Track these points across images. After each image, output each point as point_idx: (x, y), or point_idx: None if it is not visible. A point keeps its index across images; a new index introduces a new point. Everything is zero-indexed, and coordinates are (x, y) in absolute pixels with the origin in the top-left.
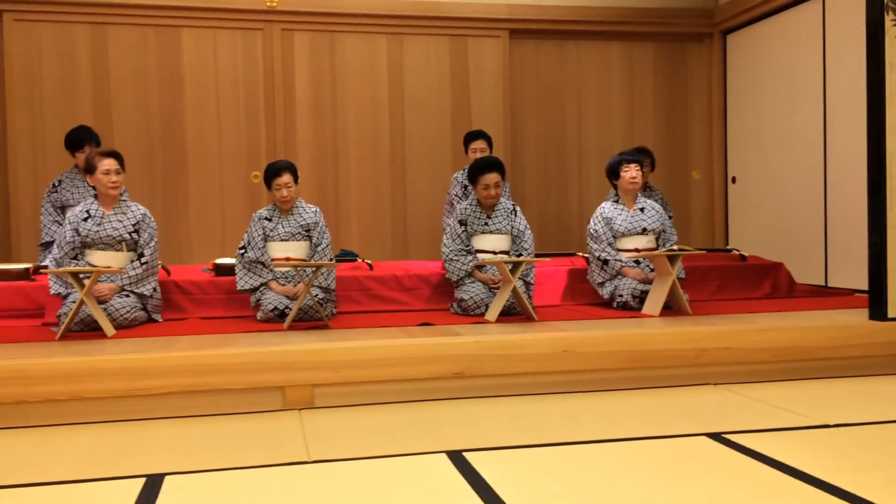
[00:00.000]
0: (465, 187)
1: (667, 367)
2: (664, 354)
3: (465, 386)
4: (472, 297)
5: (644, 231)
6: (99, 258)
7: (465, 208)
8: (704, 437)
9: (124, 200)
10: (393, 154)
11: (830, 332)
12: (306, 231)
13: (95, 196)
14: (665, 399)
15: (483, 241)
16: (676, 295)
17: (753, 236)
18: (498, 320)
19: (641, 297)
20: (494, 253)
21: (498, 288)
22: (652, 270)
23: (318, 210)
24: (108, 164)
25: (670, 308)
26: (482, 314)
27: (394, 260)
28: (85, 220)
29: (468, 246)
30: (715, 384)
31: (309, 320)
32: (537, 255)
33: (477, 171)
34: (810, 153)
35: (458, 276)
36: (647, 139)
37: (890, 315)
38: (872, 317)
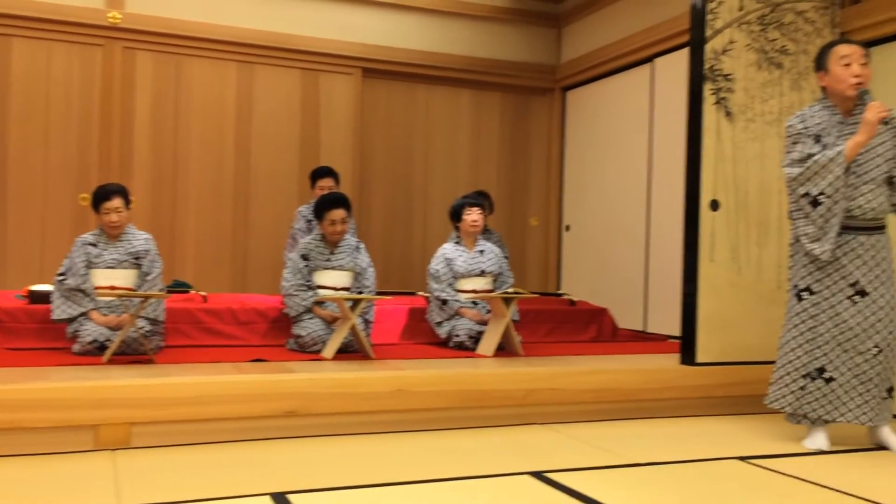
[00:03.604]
0: (310, 222)
1: (497, 407)
2: (495, 394)
3: (297, 425)
4: (309, 334)
5: (482, 273)
6: None
7: (309, 243)
8: (527, 476)
9: None
10: (237, 184)
11: (647, 376)
12: (136, 259)
13: None
14: (493, 438)
15: (325, 277)
16: (510, 336)
17: (583, 282)
18: (335, 357)
19: (477, 338)
20: (336, 289)
21: (337, 325)
22: (489, 312)
23: (150, 237)
24: None
25: (504, 349)
26: (319, 351)
27: (232, 293)
28: None
29: (309, 281)
30: (541, 423)
31: (132, 354)
32: (379, 293)
33: (324, 206)
34: (636, 207)
35: (297, 311)
36: (490, 184)
37: (699, 360)
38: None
